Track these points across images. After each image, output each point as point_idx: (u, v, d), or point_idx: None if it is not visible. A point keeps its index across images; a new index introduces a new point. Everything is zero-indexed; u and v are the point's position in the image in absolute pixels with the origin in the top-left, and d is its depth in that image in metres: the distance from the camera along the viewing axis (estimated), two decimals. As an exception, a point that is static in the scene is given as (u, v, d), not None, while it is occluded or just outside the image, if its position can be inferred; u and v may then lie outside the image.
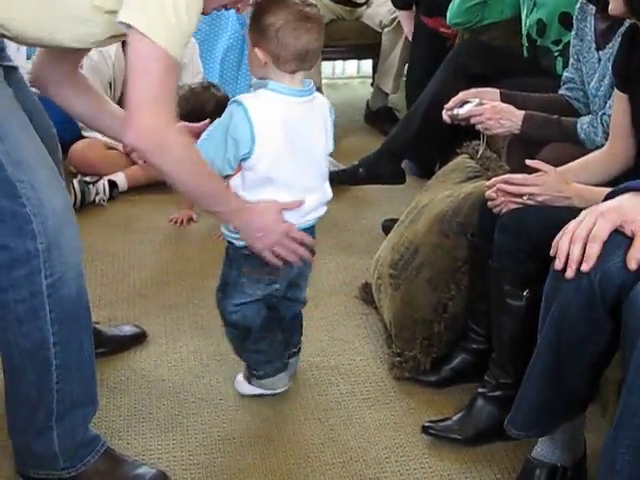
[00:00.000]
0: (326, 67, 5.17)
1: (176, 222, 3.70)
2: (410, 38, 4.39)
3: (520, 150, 2.81)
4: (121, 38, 2.09)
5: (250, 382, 2.56)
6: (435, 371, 2.61)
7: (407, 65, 4.49)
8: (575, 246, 1.75)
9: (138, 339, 2.83)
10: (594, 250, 1.74)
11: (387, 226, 3.43)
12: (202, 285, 3.15)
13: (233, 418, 2.48)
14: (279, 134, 2.26)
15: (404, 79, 4.67)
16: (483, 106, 2.71)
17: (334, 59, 5.14)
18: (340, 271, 3.29)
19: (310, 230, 2.42)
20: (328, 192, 2.43)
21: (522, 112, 2.71)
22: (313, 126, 2.34)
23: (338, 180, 3.69)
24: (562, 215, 1.91)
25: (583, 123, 2.65)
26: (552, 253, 1.81)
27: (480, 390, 2.37)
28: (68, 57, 2.33)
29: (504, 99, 2.79)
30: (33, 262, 1.99)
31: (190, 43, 4.22)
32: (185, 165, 2.09)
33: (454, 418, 2.39)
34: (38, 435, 2.14)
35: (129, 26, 1.92)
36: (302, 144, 2.31)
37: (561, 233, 1.79)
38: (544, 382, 1.98)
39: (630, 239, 1.73)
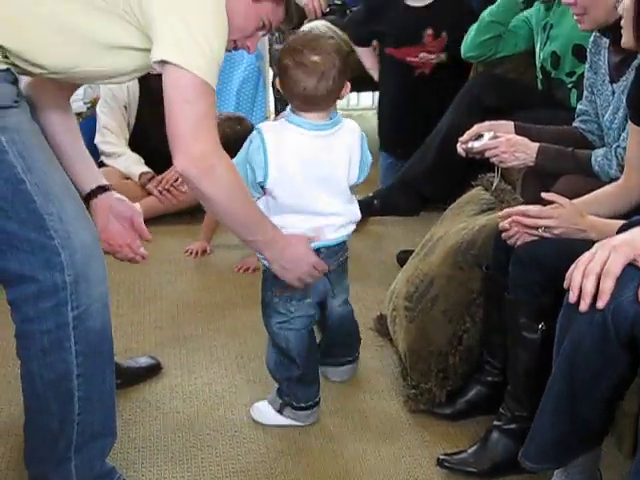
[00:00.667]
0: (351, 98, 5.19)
1: (191, 253, 3.72)
2: (375, 75, 4.40)
3: (535, 182, 2.81)
4: (142, 72, 2.12)
5: (282, 412, 2.58)
6: (450, 404, 2.60)
7: (378, 100, 4.51)
8: (588, 280, 1.75)
9: (153, 371, 2.84)
10: (608, 285, 1.73)
11: (402, 258, 3.44)
12: (217, 316, 3.16)
13: (248, 450, 2.48)
14: (295, 164, 2.36)
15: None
16: (497, 139, 2.71)
17: (349, 91, 5.15)
18: (355, 302, 3.25)
19: (341, 245, 2.54)
20: (354, 213, 2.53)
21: (536, 145, 2.71)
22: (333, 157, 2.42)
23: None
24: (577, 248, 1.90)
25: (597, 155, 2.66)
26: (565, 285, 1.80)
27: (495, 423, 2.36)
28: (70, 85, 2.37)
29: (518, 132, 2.80)
30: (60, 294, 2.01)
31: None
32: (233, 191, 2.13)
33: (469, 451, 2.38)
34: (57, 466, 2.15)
35: (165, 62, 1.96)
36: (322, 174, 2.40)
37: (574, 265, 1.79)
38: (558, 415, 1.97)
39: None
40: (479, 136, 2.77)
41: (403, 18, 4.05)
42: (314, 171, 2.39)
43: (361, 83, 4.86)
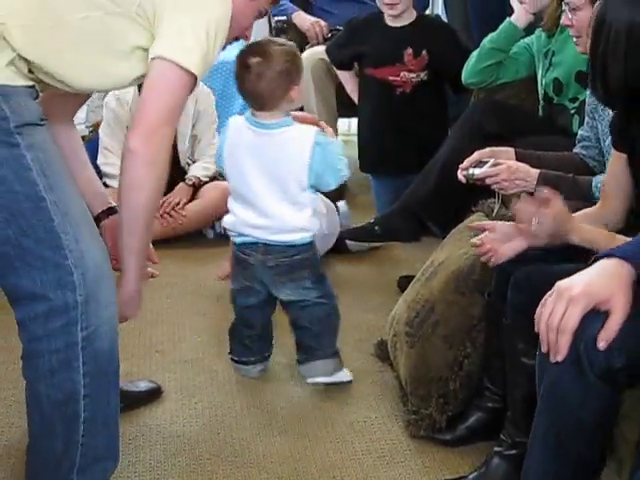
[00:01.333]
0: (342, 124, 5.20)
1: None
2: (355, 98, 4.41)
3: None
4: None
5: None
6: (451, 429, 2.60)
7: (357, 122, 4.52)
8: (550, 335, 1.78)
9: (154, 394, 2.84)
10: (564, 341, 1.76)
11: (403, 283, 3.44)
12: (217, 340, 3.16)
13: (248, 476, 2.47)
14: (245, 157, 2.69)
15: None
16: (498, 167, 2.72)
17: (350, 116, 5.17)
18: (355, 328, 3.29)
19: (283, 248, 2.74)
20: (287, 220, 2.71)
21: (537, 171, 2.72)
22: (278, 157, 2.65)
23: (354, 237, 3.72)
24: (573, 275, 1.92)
25: (598, 182, 2.66)
26: (536, 330, 1.83)
27: (496, 449, 2.36)
28: (78, 97, 2.44)
29: (519, 158, 2.81)
30: (71, 313, 2.03)
31: (205, 92, 4.28)
32: (159, 191, 2.23)
33: (470, 477, 2.37)
34: None
35: (161, 57, 2.07)
36: (267, 171, 2.67)
37: (538, 311, 1.82)
38: (547, 452, 1.96)
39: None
40: (479, 163, 2.78)
41: (383, 38, 4.09)
42: (260, 167, 2.67)
43: (351, 109, 4.90)
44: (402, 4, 4.03)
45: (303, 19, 4.79)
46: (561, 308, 1.77)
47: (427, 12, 5.06)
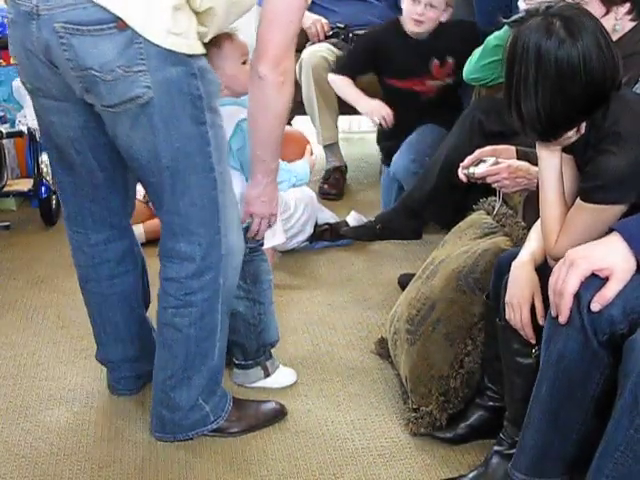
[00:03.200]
0: (343, 122, 5.19)
1: None
2: (356, 103, 4.26)
3: (536, 206, 2.81)
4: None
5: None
6: (451, 427, 2.60)
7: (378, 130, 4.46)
8: (555, 298, 1.93)
9: None
10: (564, 303, 1.89)
11: (403, 281, 3.44)
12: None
13: (248, 473, 2.48)
14: None
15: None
16: (499, 166, 2.71)
17: (351, 114, 5.15)
18: (356, 326, 3.29)
19: None
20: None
21: (537, 169, 2.72)
22: None
23: (355, 236, 3.72)
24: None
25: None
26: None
27: (496, 448, 2.36)
28: None
29: (520, 156, 2.80)
30: (218, 267, 2.41)
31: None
32: (286, 109, 2.41)
33: (470, 476, 2.37)
34: (193, 407, 2.54)
35: None
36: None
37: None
38: (547, 424, 2.02)
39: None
40: (480, 161, 2.77)
41: (407, 52, 4.05)
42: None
43: (352, 107, 4.89)
44: (427, 24, 4.00)
45: (304, 17, 4.77)
46: (563, 272, 1.90)
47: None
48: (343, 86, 4.26)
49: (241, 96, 2.71)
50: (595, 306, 1.85)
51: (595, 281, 1.87)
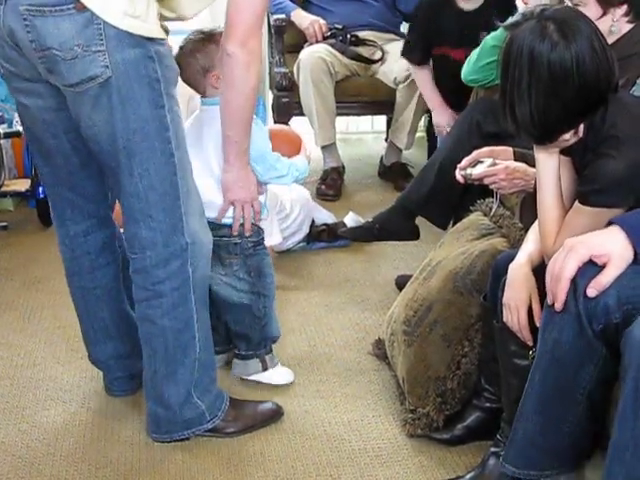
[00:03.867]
0: (340, 122, 5.20)
1: None
2: (432, 104, 4.27)
3: (533, 208, 2.81)
4: None
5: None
6: (448, 428, 2.60)
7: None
8: (552, 283, 1.92)
9: None
10: (560, 289, 1.90)
11: (400, 282, 3.44)
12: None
13: (245, 474, 2.48)
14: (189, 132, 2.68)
15: (419, 134, 4.70)
16: (496, 167, 2.72)
17: (348, 115, 5.17)
18: (353, 327, 3.29)
19: (215, 225, 2.70)
20: (211, 197, 2.68)
21: (535, 170, 2.72)
22: (207, 133, 2.71)
23: (353, 237, 3.72)
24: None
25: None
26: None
27: (493, 449, 2.36)
28: None
29: (517, 158, 2.80)
30: (184, 254, 2.41)
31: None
32: (254, 88, 2.46)
33: (467, 477, 2.38)
34: (185, 402, 2.53)
35: None
36: (197, 147, 2.69)
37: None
38: (539, 415, 2.02)
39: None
40: (478, 162, 2.77)
41: (459, 23, 4.05)
42: (197, 143, 2.70)
43: (359, 108, 4.90)
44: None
45: (302, 17, 4.77)
46: (561, 257, 1.90)
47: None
48: (424, 83, 4.29)
49: None
50: (591, 292, 1.85)
51: (592, 268, 1.87)
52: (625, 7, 2.53)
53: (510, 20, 2.13)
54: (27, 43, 2.17)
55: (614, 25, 2.54)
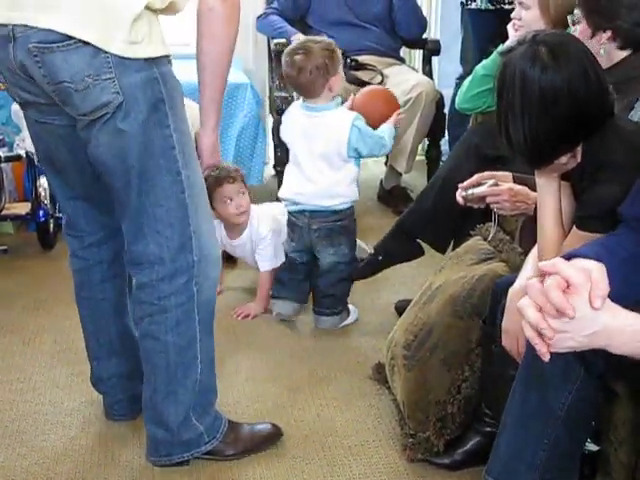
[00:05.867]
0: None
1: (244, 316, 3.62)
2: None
3: (533, 232, 2.82)
4: None
5: None
6: (448, 453, 2.60)
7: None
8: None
9: None
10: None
11: (400, 306, 3.44)
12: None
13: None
14: (294, 133, 3.45)
15: (419, 158, 4.73)
16: (500, 187, 2.73)
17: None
18: (353, 351, 3.29)
19: (325, 213, 3.38)
20: (328, 187, 3.36)
21: (536, 194, 2.73)
22: (324, 133, 3.33)
23: (363, 276, 3.65)
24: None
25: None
26: None
27: (493, 474, 2.36)
28: None
29: (517, 183, 2.81)
30: (191, 272, 2.44)
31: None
32: (234, 38, 2.46)
33: (467, 501, 2.37)
34: (184, 423, 2.55)
35: None
36: (310, 145, 3.37)
37: None
38: (518, 428, 2.01)
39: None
40: (479, 185, 2.78)
41: None
42: (308, 142, 3.37)
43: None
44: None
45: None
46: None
47: (425, 36, 5.09)
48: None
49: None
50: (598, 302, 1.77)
51: None
52: (610, 32, 2.55)
53: (504, 46, 2.15)
54: (40, 77, 2.24)
55: (602, 48, 2.56)
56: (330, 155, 3.34)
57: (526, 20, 3.23)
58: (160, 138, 2.34)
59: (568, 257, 1.74)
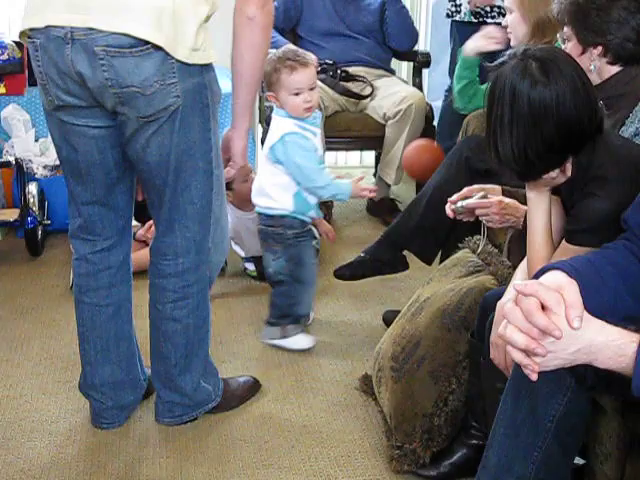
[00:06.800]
0: (329, 157, 5.22)
1: None
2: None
3: (521, 245, 2.83)
4: None
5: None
6: (435, 465, 2.60)
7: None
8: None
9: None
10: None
11: (388, 317, 3.45)
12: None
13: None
14: None
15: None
16: (490, 199, 2.74)
17: (337, 149, 5.18)
18: (340, 362, 3.29)
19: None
20: (264, 187, 3.32)
21: (525, 208, 2.73)
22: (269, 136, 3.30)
23: (351, 274, 3.65)
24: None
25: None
26: None
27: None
28: None
29: (507, 196, 2.82)
30: (207, 259, 2.67)
31: None
32: (269, 46, 2.62)
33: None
34: (197, 388, 2.80)
35: None
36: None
37: None
38: (508, 440, 2.00)
39: None
40: (468, 197, 2.79)
41: None
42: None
43: (349, 143, 4.91)
44: None
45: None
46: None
47: (416, 48, 5.10)
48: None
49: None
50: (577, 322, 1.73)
51: None
52: (600, 48, 2.57)
53: (496, 62, 2.16)
54: (100, 81, 2.31)
55: (592, 64, 2.58)
56: (267, 156, 3.29)
57: (511, 24, 3.35)
58: (202, 141, 2.50)
59: (542, 271, 1.76)
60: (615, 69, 2.58)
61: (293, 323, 3.38)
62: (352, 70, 4.78)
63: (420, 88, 5.01)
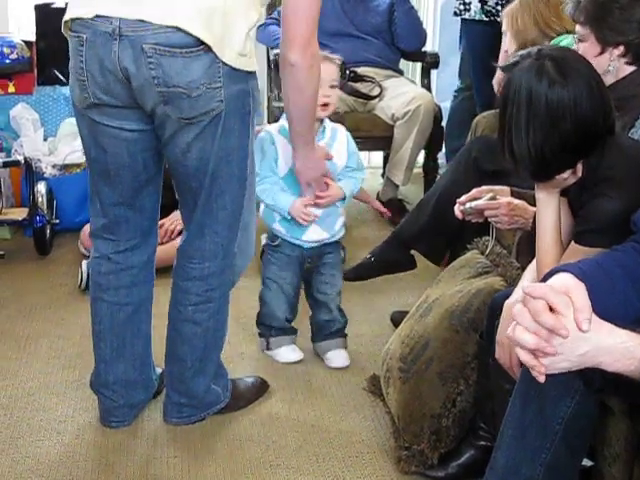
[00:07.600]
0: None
1: None
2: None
3: (530, 247, 2.83)
4: None
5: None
6: (443, 466, 2.60)
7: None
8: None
9: None
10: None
11: (396, 318, 3.44)
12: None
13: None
14: None
15: (416, 171, 4.74)
16: (499, 200, 2.74)
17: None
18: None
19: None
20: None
21: (534, 209, 2.73)
22: None
23: (356, 276, 3.67)
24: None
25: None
26: None
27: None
28: None
29: (515, 197, 2.82)
30: (233, 264, 2.68)
31: None
32: (316, 89, 2.62)
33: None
34: (207, 390, 2.81)
35: None
36: None
37: None
38: (515, 442, 2.00)
39: None
40: (477, 199, 2.79)
41: None
42: None
43: (357, 143, 4.91)
44: None
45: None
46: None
47: (424, 49, 5.09)
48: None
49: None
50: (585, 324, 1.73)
51: None
52: (622, 48, 2.56)
53: (508, 61, 2.16)
54: (146, 78, 2.30)
55: (611, 64, 2.57)
56: None
57: (508, 45, 3.37)
58: (241, 148, 2.50)
59: (550, 274, 1.75)
60: (630, 69, 2.58)
61: (276, 336, 3.30)
62: (361, 71, 4.78)
63: (429, 89, 5.01)
